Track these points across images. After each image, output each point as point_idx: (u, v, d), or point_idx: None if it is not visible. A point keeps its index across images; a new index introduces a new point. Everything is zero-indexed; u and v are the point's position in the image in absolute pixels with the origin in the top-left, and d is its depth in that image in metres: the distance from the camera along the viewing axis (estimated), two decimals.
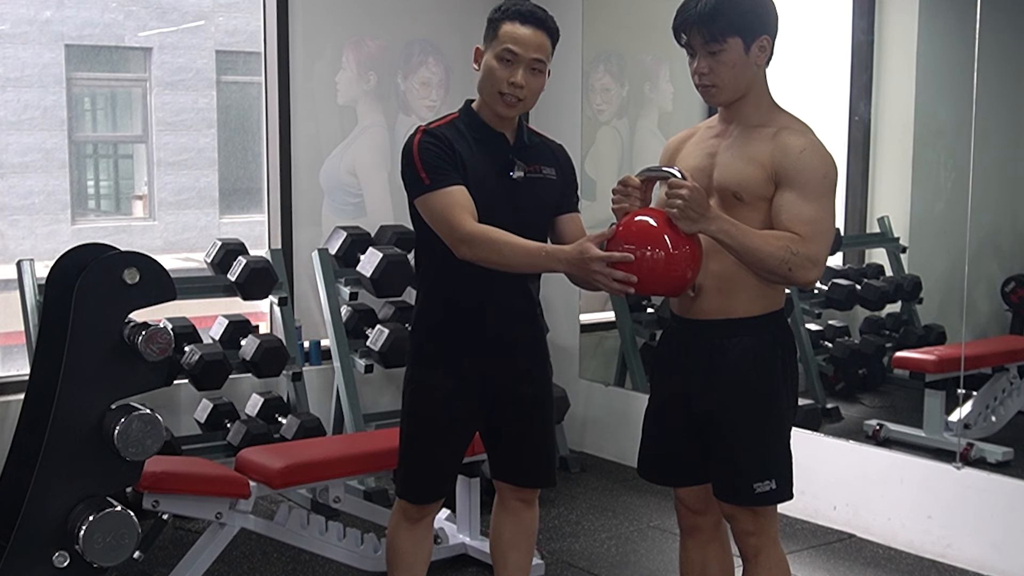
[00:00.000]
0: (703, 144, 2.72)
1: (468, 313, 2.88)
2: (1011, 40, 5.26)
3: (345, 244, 4.91)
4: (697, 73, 2.62)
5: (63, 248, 2.99)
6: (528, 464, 3.05)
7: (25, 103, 9.14)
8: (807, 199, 2.52)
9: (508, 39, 2.79)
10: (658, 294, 2.80)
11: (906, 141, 5.84)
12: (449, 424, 2.94)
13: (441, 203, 2.75)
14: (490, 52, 2.82)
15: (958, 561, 4.06)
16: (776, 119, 2.63)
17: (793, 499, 2.72)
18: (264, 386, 4.92)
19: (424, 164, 2.78)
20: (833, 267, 5.85)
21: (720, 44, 2.55)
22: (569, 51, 5.42)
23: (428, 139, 2.81)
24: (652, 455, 2.85)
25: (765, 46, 2.60)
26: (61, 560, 2.76)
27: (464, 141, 2.84)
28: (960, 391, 4.43)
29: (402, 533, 3.03)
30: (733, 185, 2.60)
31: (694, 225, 2.49)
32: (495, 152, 2.87)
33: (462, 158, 2.81)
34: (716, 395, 2.65)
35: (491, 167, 2.85)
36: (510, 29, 2.79)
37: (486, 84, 2.83)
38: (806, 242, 2.51)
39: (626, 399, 5.36)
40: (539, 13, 2.84)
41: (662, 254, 2.49)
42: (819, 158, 2.55)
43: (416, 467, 3.00)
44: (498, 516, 3.12)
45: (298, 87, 5.11)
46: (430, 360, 2.94)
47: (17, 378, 4.53)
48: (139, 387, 2.86)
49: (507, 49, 2.78)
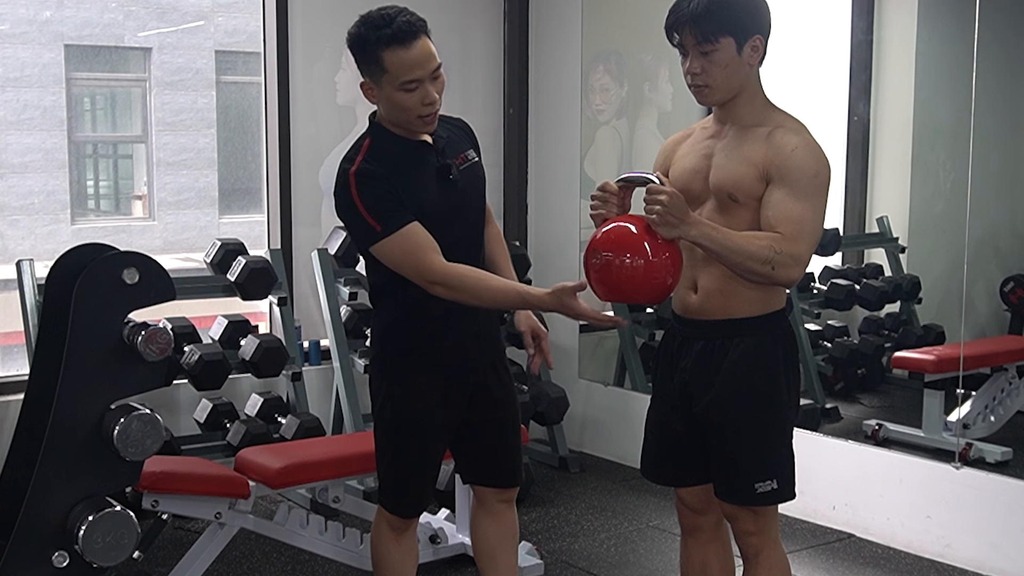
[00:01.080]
0: (699, 145, 2.71)
1: (437, 321, 2.80)
2: (1010, 40, 5.26)
3: (345, 244, 4.91)
4: (690, 73, 2.61)
5: (63, 248, 3.00)
6: (507, 464, 3.03)
7: (25, 103, 9.15)
8: (796, 197, 2.51)
9: (402, 69, 2.61)
10: (639, 302, 2.78)
11: (905, 141, 5.84)
12: (433, 434, 2.90)
13: (401, 248, 2.64)
14: (388, 86, 2.64)
15: (957, 561, 4.06)
16: (771, 118, 2.62)
17: (794, 499, 2.72)
18: (264, 386, 4.92)
19: (369, 210, 2.64)
20: (832, 267, 5.85)
21: (713, 44, 2.54)
22: (568, 51, 5.43)
23: (364, 181, 2.65)
24: (654, 455, 2.85)
25: (758, 46, 2.59)
26: (61, 560, 2.77)
27: (394, 166, 2.70)
28: (959, 391, 4.44)
29: (390, 545, 2.98)
30: (728, 186, 2.59)
31: (673, 231, 2.47)
32: (425, 163, 2.75)
33: (403, 188, 2.67)
34: (717, 395, 2.65)
35: (429, 180, 2.74)
36: (396, 59, 2.60)
37: (398, 115, 2.69)
38: (789, 241, 2.50)
39: (625, 399, 5.36)
40: (410, 23, 2.64)
41: (641, 261, 2.47)
42: (811, 157, 2.54)
43: (406, 482, 2.94)
44: (480, 521, 3.08)
45: (298, 87, 5.11)
46: (405, 371, 2.86)
47: (17, 378, 4.53)
48: (139, 387, 2.86)
49: (408, 80, 2.61)
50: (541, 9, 5.60)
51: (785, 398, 2.68)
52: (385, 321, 2.88)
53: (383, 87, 2.67)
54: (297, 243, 5.15)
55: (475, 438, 2.97)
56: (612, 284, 2.53)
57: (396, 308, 2.84)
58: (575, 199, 5.38)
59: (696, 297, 2.68)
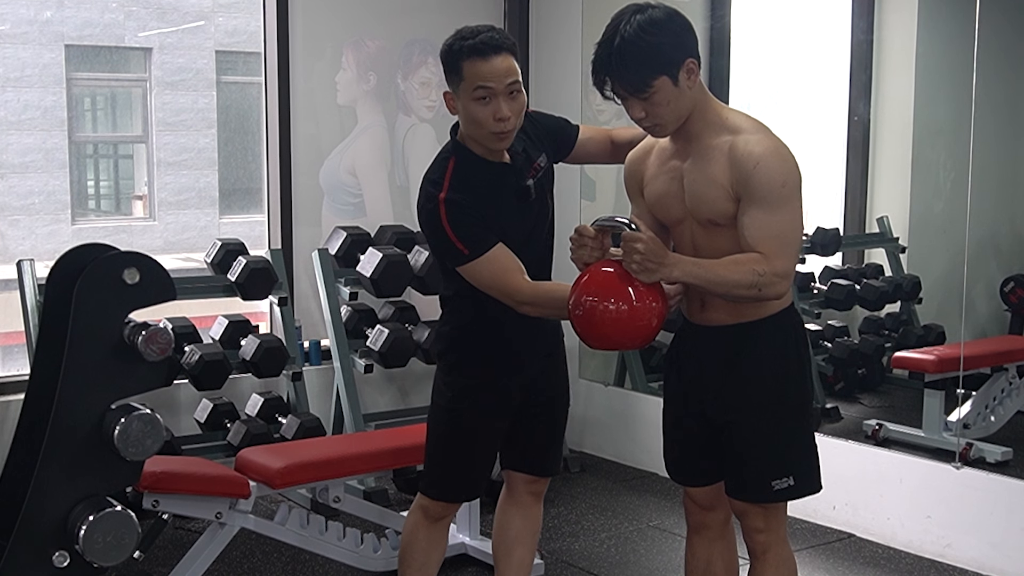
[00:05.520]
0: (665, 167, 2.67)
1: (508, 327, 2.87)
2: (1010, 40, 5.26)
3: (345, 244, 4.92)
4: (635, 118, 2.56)
5: (63, 248, 3.00)
6: (547, 454, 3.08)
7: (25, 103, 9.16)
8: (769, 213, 2.48)
9: (477, 79, 2.70)
10: (625, 347, 2.79)
11: (905, 141, 5.84)
12: (491, 425, 2.96)
13: (489, 271, 2.75)
14: (464, 96, 2.74)
15: (957, 561, 4.06)
16: (725, 126, 2.55)
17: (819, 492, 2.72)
18: (264, 386, 4.92)
19: (459, 236, 2.75)
20: (832, 267, 5.85)
21: (647, 90, 2.49)
22: (569, 51, 5.43)
23: (452, 209, 2.75)
24: (677, 456, 2.86)
25: (692, 68, 2.52)
26: (61, 560, 2.77)
27: (478, 194, 2.78)
28: (959, 391, 4.44)
29: (420, 531, 3.03)
30: (707, 213, 2.57)
31: (654, 275, 2.46)
32: (506, 186, 2.84)
33: (488, 216, 2.77)
34: (731, 395, 2.66)
35: (510, 203, 2.84)
36: (473, 68, 2.71)
37: (473, 128, 2.77)
38: (771, 259, 2.47)
39: (626, 399, 5.36)
40: (493, 38, 2.74)
41: (625, 307, 2.48)
42: (775, 167, 2.48)
43: (455, 468, 3.00)
44: (506, 510, 3.13)
45: (298, 87, 5.12)
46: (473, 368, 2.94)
47: (17, 378, 4.53)
48: (139, 387, 2.86)
49: (480, 88, 2.70)
50: (541, 9, 5.60)
51: (799, 394, 2.68)
52: (456, 321, 2.96)
53: (460, 97, 2.76)
54: (297, 243, 5.15)
55: (518, 423, 3.02)
56: (598, 331, 2.52)
57: (471, 312, 2.90)
58: (575, 199, 5.38)
59: (704, 309, 2.68)
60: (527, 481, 3.09)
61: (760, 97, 5.47)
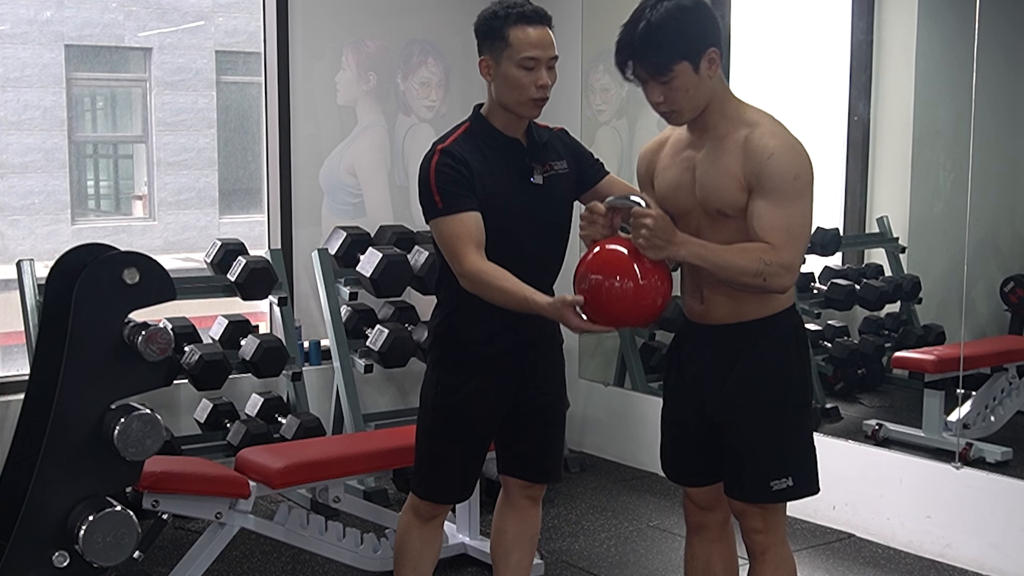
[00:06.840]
0: (679, 157, 2.69)
1: (490, 317, 2.85)
2: (1010, 40, 5.27)
3: (345, 244, 4.92)
4: (653, 102, 2.59)
5: (63, 248, 3.00)
6: (542, 459, 3.06)
7: (25, 103, 9.16)
8: (779, 205, 2.49)
9: (526, 45, 2.76)
10: (629, 324, 2.79)
11: (905, 141, 5.84)
12: (474, 422, 2.95)
13: (450, 231, 2.76)
14: (507, 61, 2.78)
15: (957, 561, 4.06)
16: (743, 120, 2.58)
17: (818, 493, 2.72)
18: (264, 386, 4.92)
19: (439, 188, 2.76)
20: (832, 267, 5.85)
21: (668, 74, 2.51)
22: (569, 51, 5.43)
23: (445, 160, 2.78)
24: (673, 456, 2.87)
25: (714, 58, 2.55)
26: (61, 560, 2.77)
27: (480, 154, 2.81)
28: (959, 391, 4.44)
29: (413, 531, 3.04)
30: (716, 203, 2.58)
31: (661, 253, 2.47)
32: (512, 160, 2.86)
33: (479, 175, 2.79)
34: (730, 396, 2.66)
35: (511, 176, 2.85)
36: (522, 35, 2.77)
37: (511, 93, 2.80)
38: (778, 250, 2.48)
39: (626, 399, 5.36)
40: (539, 10, 2.82)
41: (631, 284, 2.48)
42: (788, 160, 2.50)
43: (441, 467, 2.99)
44: (503, 514, 3.12)
45: (298, 87, 5.12)
46: (458, 362, 2.93)
47: (17, 378, 4.54)
48: (139, 387, 2.86)
49: (527, 57, 2.76)
50: None
51: (799, 395, 2.68)
52: (441, 314, 2.96)
53: (502, 63, 2.79)
54: (297, 243, 5.15)
55: (511, 427, 3.01)
56: (602, 307, 2.53)
57: (454, 302, 2.90)
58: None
59: (703, 305, 2.68)
60: (522, 486, 3.08)
61: (760, 97, 5.44)
